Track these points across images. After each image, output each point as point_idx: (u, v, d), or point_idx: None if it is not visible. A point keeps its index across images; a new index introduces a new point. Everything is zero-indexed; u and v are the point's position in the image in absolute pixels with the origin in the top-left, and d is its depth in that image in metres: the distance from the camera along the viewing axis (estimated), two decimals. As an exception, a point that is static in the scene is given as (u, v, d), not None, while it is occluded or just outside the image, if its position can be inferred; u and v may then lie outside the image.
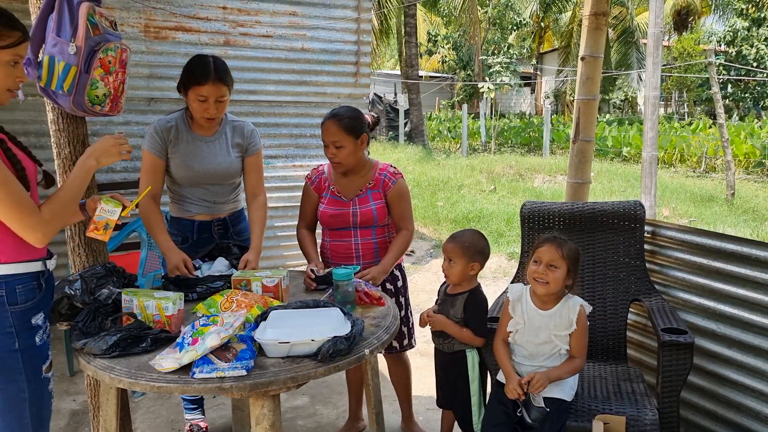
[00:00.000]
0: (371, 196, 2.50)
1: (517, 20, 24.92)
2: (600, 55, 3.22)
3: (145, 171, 2.37)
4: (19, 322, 1.65)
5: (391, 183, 2.52)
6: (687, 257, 2.62)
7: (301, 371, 1.62)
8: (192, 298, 2.10)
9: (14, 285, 1.64)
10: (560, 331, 2.05)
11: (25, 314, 1.66)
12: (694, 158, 13.10)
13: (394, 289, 2.60)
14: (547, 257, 2.04)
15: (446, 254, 2.32)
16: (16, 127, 3.85)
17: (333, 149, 2.42)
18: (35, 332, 1.69)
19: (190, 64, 2.29)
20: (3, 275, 1.63)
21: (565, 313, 2.06)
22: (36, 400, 1.71)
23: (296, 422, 2.95)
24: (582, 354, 2.08)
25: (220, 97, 2.29)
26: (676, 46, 26.01)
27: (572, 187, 3.27)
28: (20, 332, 1.65)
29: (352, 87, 4.95)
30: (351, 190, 2.51)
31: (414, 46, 17.69)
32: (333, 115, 2.43)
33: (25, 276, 1.67)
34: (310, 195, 2.60)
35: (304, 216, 2.63)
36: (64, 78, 1.79)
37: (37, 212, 1.59)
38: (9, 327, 1.63)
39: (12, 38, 1.56)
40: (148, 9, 4.00)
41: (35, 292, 1.69)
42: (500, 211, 8.09)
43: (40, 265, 1.72)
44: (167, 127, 2.37)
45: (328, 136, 2.42)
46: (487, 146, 16.43)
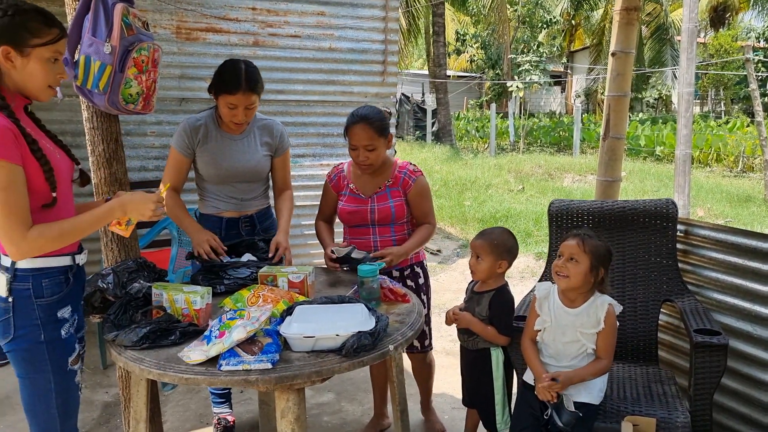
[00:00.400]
0: (390, 194, 2.50)
1: (547, 18, 24.61)
2: (631, 50, 3.16)
3: (170, 167, 2.45)
4: (44, 315, 1.68)
5: (411, 181, 2.51)
6: (721, 257, 2.54)
7: (326, 365, 1.63)
8: (220, 290, 2.13)
9: (41, 279, 1.68)
10: (587, 329, 2.01)
11: (51, 307, 1.69)
12: (731, 157, 12.72)
13: (414, 286, 2.59)
14: (568, 251, 2.01)
15: (474, 251, 2.30)
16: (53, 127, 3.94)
17: (365, 152, 2.40)
18: (61, 325, 1.72)
19: (222, 70, 2.32)
20: (30, 269, 1.66)
21: (593, 311, 2.01)
22: (62, 392, 1.75)
23: (321, 419, 2.96)
24: (608, 355, 2.02)
25: (250, 104, 2.33)
26: (712, 43, 25.31)
27: (602, 186, 3.22)
28: (46, 325, 1.69)
29: (380, 86, 4.95)
30: (369, 188, 2.52)
31: (442, 46, 17.61)
32: (362, 118, 2.39)
33: (53, 270, 1.70)
34: (329, 193, 2.63)
35: (322, 212, 2.69)
36: (100, 77, 1.84)
37: (25, 228, 1.57)
38: (35, 320, 1.67)
39: (51, 35, 1.60)
40: (179, 11, 4.07)
41: (62, 286, 1.72)
42: (528, 210, 8.00)
43: (69, 260, 1.75)
44: (196, 126, 2.41)
45: (360, 140, 2.39)
46: (516, 146, 16.26)
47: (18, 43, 1.55)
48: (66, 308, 1.74)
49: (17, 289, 1.66)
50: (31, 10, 1.58)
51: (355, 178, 2.56)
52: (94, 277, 1.95)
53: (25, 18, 1.56)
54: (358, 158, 2.43)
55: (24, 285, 1.67)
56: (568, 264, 2.00)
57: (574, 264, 1.99)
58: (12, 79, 1.60)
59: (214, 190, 2.50)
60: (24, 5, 1.58)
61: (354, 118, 2.42)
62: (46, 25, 1.60)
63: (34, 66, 1.59)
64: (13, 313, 1.67)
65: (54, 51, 1.62)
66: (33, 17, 1.58)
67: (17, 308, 1.67)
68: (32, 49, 1.58)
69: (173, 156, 2.43)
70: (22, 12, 1.56)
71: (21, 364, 1.72)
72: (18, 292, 1.66)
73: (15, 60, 1.57)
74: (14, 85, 1.61)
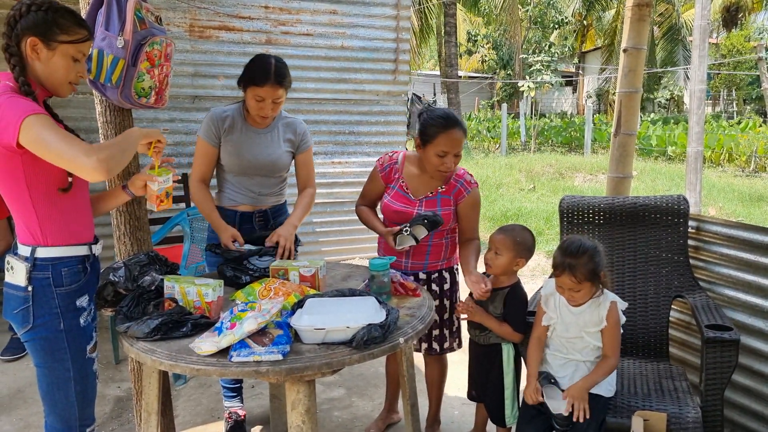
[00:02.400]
0: (440, 201, 2.39)
1: (559, 19, 24.50)
2: (643, 47, 3.14)
3: (198, 156, 2.49)
4: (64, 304, 1.73)
5: (466, 192, 2.39)
6: (733, 253, 2.53)
7: (336, 357, 1.63)
8: (245, 281, 2.17)
9: (60, 268, 1.72)
10: (590, 328, 2.02)
11: (70, 296, 1.74)
12: (743, 157, 12.60)
13: (439, 290, 2.51)
14: (566, 286, 2.01)
15: (493, 245, 2.28)
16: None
17: (453, 159, 2.28)
18: (80, 313, 1.77)
19: (252, 63, 2.36)
20: (50, 258, 1.71)
21: (596, 309, 2.02)
22: (81, 379, 1.79)
23: (332, 413, 2.98)
24: (615, 353, 2.02)
25: (277, 98, 2.36)
26: (724, 43, 25.07)
27: (613, 182, 3.20)
28: (65, 313, 1.73)
29: (391, 84, 4.97)
30: (421, 190, 2.41)
31: (454, 46, 17.60)
32: (458, 123, 2.28)
33: (71, 259, 1.75)
34: (376, 181, 2.51)
35: (365, 197, 2.58)
36: (113, 71, 1.87)
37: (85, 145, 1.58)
38: (55, 308, 1.72)
39: (79, 35, 1.68)
40: (192, 9, 4.11)
41: (80, 276, 1.77)
42: (539, 209, 7.97)
43: (86, 250, 1.80)
44: (223, 117, 2.45)
45: (455, 146, 2.26)
46: (527, 146, 16.20)
47: (46, 36, 1.62)
48: (84, 297, 1.79)
49: (37, 278, 1.70)
50: (64, 9, 1.66)
51: (409, 177, 2.43)
52: (105, 271, 1.98)
53: (57, 15, 1.64)
54: (443, 165, 2.28)
55: (44, 274, 1.70)
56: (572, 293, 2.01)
57: (577, 292, 2.00)
58: (35, 71, 1.66)
59: (233, 181, 2.53)
60: (58, 4, 1.66)
61: (448, 121, 2.27)
62: (77, 24, 1.68)
63: (57, 60, 1.66)
64: (32, 302, 1.70)
65: (78, 50, 1.69)
66: (65, 15, 1.66)
67: (37, 297, 1.70)
68: (59, 44, 1.64)
69: (200, 146, 2.47)
70: (55, 9, 1.64)
71: (40, 354, 1.75)
72: (38, 281, 1.70)
73: (41, 52, 1.63)
74: (37, 77, 1.67)
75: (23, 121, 1.51)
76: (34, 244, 1.71)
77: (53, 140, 1.52)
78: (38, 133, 1.51)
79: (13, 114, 1.52)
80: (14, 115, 1.52)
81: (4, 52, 1.63)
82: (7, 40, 1.64)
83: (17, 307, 1.73)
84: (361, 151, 4.97)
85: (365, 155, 4.98)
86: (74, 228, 1.77)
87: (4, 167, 1.62)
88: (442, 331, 2.52)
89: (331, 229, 5.00)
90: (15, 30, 1.63)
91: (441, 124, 2.26)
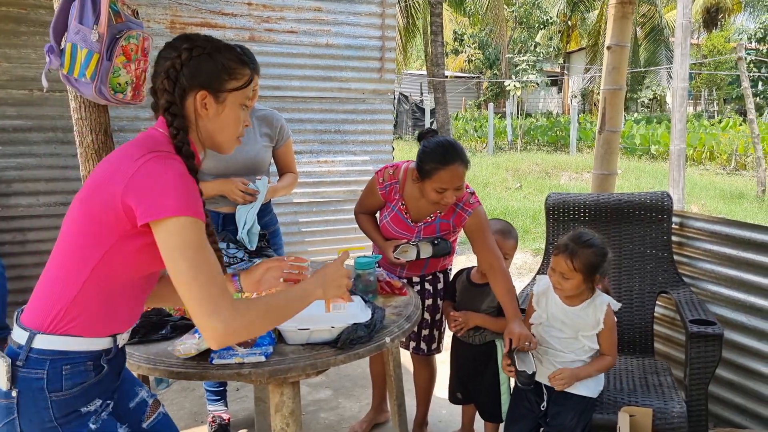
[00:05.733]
0: (438, 226, 2.30)
1: (544, 19, 24.66)
2: (626, 44, 3.16)
3: None
4: (61, 414, 1.20)
5: (466, 215, 2.24)
6: (716, 248, 2.54)
7: (321, 358, 1.61)
8: None
9: (61, 365, 1.20)
10: (587, 332, 2.01)
11: (69, 403, 1.21)
12: (724, 156, 12.79)
13: (432, 290, 2.46)
14: (558, 268, 1.98)
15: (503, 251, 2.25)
16: (44, 123, 3.96)
17: (454, 193, 2.14)
18: (88, 419, 1.24)
19: None
20: (49, 351, 1.19)
21: (592, 312, 2.00)
22: None
23: (319, 415, 2.95)
24: (613, 352, 2.03)
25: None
26: (705, 44, 25.41)
27: (598, 179, 3.21)
28: (64, 426, 1.21)
29: (377, 83, 4.94)
30: (421, 215, 2.32)
31: (440, 45, 17.57)
32: (458, 156, 2.10)
33: (79, 355, 1.22)
34: (375, 196, 2.39)
35: (363, 206, 2.48)
36: (87, 65, 1.82)
37: (229, 296, 1.17)
38: (48, 421, 1.19)
39: (246, 76, 1.33)
40: (173, 5, 4.05)
41: (87, 375, 1.24)
42: (526, 208, 8.01)
43: (108, 342, 1.28)
44: None
45: (456, 182, 2.11)
46: (513, 145, 16.28)
47: (216, 87, 1.29)
48: (93, 402, 1.26)
49: (25, 378, 1.19)
50: (225, 45, 1.32)
51: (410, 199, 2.31)
52: None
53: (222, 56, 1.30)
54: (443, 200, 2.14)
55: (36, 372, 1.19)
56: (561, 280, 1.98)
57: (567, 280, 1.97)
58: (199, 129, 1.32)
59: None
60: (218, 42, 1.32)
61: (447, 157, 2.09)
62: (241, 62, 1.33)
63: (228, 113, 1.32)
64: (18, 413, 1.19)
65: (246, 95, 1.35)
66: (229, 54, 1.31)
67: (24, 405, 1.19)
68: (228, 93, 1.31)
69: None
70: (218, 49, 1.30)
71: None
72: (26, 383, 1.19)
73: (210, 107, 1.30)
74: (199, 136, 1.33)
75: (175, 218, 1.13)
76: (33, 328, 1.20)
77: (193, 266, 1.13)
78: (184, 243, 1.14)
79: (168, 195, 1.14)
80: (169, 198, 1.14)
81: (164, 113, 1.27)
82: (169, 97, 1.26)
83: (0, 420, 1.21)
84: (348, 150, 4.94)
85: (351, 154, 4.96)
86: (109, 322, 1.27)
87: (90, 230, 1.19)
88: (431, 332, 2.50)
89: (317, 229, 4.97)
90: (178, 84, 1.26)
91: (440, 160, 2.09)
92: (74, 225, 1.21)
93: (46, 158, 4.03)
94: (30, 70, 3.83)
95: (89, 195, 1.20)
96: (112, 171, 1.18)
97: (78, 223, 1.20)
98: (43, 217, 4.10)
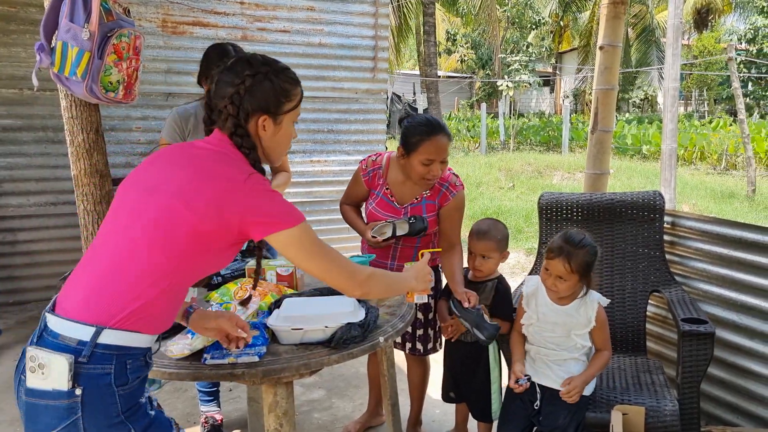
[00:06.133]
0: (425, 207, 2.32)
1: (536, 19, 24.74)
2: (618, 44, 3.17)
3: None
4: (127, 407, 1.24)
5: (451, 196, 2.31)
6: (707, 247, 2.56)
7: (314, 358, 1.60)
8: (216, 281, 2.11)
9: (125, 359, 1.23)
10: (579, 330, 2.03)
11: (134, 395, 1.25)
12: (715, 156, 12.89)
13: None
14: (554, 271, 1.99)
15: (478, 251, 2.26)
16: (34, 122, 3.93)
17: (439, 166, 2.18)
18: (145, 408, 1.29)
19: (209, 55, 2.28)
20: (115, 346, 1.21)
21: (583, 310, 2.03)
22: None
23: (312, 415, 2.94)
24: (608, 346, 2.07)
25: None
26: (696, 44, 25.59)
27: (591, 179, 3.22)
28: (131, 418, 1.24)
29: (370, 82, 4.93)
30: (407, 197, 2.35)
31: (433, 45, 17.63)
32: (442, 128, 2.18)
33: (137, 351, 1.26)
34: (359, 184, 2.44)
35: (349, 198, 2.52)
36: (78, 63, 1.80)
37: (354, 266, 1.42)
38: (116, 416, 1.21)
39: (299, 95, 1.44)
40: (165, 4, 4.03)
41: (144, 369, 1.30)
42: (519, 207, 8.03)
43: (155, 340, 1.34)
44: (186, 116, 2.37)
45: (441, 153, 2.16)
46: (506, 145, 16.33)
47: (274, 111, 1.38)
48: (144, 392, 1.31)
49: (91, 374, 1.18)
50: (283, 68, 1.41)
51: (394, 184, 2.35)
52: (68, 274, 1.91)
53: (280, 80, 1.38)
54: (429, 173, 2.19)
55: (103, 368, 1.20)
56: (557, 282, 1.99)
57: (562, 282, 1.99)
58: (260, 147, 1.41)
59: None
60: (275, 64, 1.40)
61: (431, 127, 2.16)
62: (296, 83, 1.43)
63: (284, 132, 1.43)
64: (82, 412, 1.18)
65: (298, 113, 1.46)
66: (285, 77, 1.40)
67: (89, 404, 1.18)
68: (284, 115, 1.40)
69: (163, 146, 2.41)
70: (276, 73, 1.38)
71: None
72: (91, 380, 1.18)
73: (268, 129, 1.39)
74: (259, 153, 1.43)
75: (297, 227, 1.29)
76: (98, 323, 1.19)
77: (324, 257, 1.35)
78: (311, 243, 1.32)
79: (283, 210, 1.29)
80: (284, 212, 1.29)
81: (231, 136, 1.36)
82: (235, 121, 1.35)
83: (57, 424, 1.18)
84: (341, 149, 4.93)
85: (345, 154, 4.95)
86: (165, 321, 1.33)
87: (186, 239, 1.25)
88: (426, 331, 2.49)
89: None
90: (242, 109, 1.35)
91: (424, 132, 2.16)
92: (159, 230, 1.24)
93: (37, 158, 4.00)
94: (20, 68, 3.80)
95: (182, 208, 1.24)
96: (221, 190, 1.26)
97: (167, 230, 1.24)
98: (33, 217, 4.07)
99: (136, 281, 1.23)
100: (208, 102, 1.42)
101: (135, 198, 1.29)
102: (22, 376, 1.21)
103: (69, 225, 3.95)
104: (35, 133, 3.94)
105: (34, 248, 4.10)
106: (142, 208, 1.27)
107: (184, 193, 1.25)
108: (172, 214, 1.25)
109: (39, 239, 4.10)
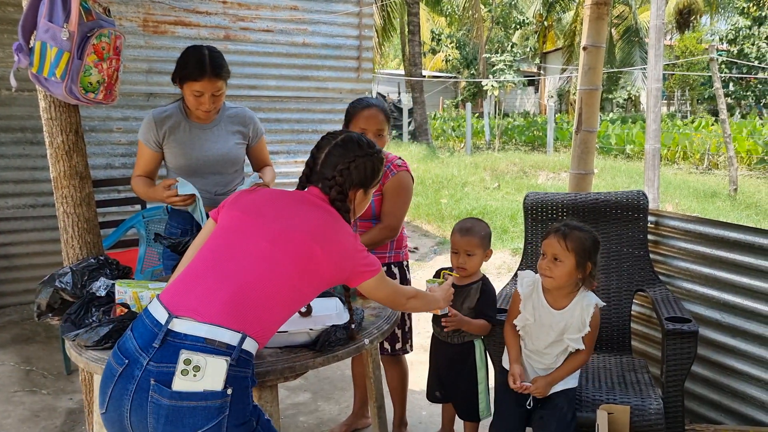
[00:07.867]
0: None
1: (521, 19, 24.87)
2: (602, 44, 3.18)
3: (140, 159, 2.40)
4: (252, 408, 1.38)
5: (391, 174, 2.37)
6: (690, 247, 2.58)
7: (299, 361, 1.59)
8: None
9: (252, 365, 1.39)
10: (573, 334, 1.99)
11: (251, 398, 1.39)
12: (697, 155, 13.05)
13: None
14: (550, 251, 1.95)
15: (461, 249, 2.24)
16: (12, 123, 3.85)
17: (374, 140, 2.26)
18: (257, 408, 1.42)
19: (184, 57, 2.26)
20: (250, 353, 1.37)
21: (578, 313, 1.98)
22: None
23: (298, 418, 2.92)
24: (590, 348, 2.04)
25: (216, 91, 2.27)
26: (678, 45, 25.91)
27: (575, 178, 3.24)
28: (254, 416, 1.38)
29: (354, 82, 4.92)
30: None
31: (417, 45, 17.65)
32: (375, 103, 2.35)
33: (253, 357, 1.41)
34: None
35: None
36: (57, 64, 1.76)
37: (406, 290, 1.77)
38: (248, 415, 1.35)
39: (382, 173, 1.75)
40: (146, 3, 3.98)
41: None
42: (504, 207, 8.05)
43: None
44: (162, 118, 2.35)
45: (376, 124, 2.31)
46: (491, 145, 16.39)
47: (367, 186, 1.66)
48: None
49: (237, 376, 1.31)
50: (378, 151, 1.68)
51: None
52: (51, 277, 1.87)
53: (378, 162, 1.67)
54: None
55: (244, 372, 1.33)
56: (552, 264, 1.95)
57: (558, 264, 1.94)
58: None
59: None
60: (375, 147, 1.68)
61: (363, 103, 2.35)
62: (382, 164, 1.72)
63: (367, 200, 1.71)
64: (229, 411, 1.28)
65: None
66: (379, 159, 1.67)
67: (234, 403, 1.30)
68: (372, 188, 1.69)
69: (141, 149, 2.38)
70: (377, 154, 1.67)
71: None
72: (238, 381, 1.31)
73: (359, 198, 1.66)
74: None
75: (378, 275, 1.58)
76: (243, 331, 1.33)
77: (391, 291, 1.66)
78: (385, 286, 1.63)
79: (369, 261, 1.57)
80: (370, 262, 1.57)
81: (332, 202, 1.59)
82: (341, 189, 1.59)
83: (204, 424, 1.26)
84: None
85: (329, 154, 4.93)
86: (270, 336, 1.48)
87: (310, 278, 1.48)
88: (393, 330, 2.47)
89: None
90: (347, 181, 1.60)
91: (358, 105, 2.34)
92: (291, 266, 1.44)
93: (15, 159, 3.93)
94: (-3, 68, 3.72)
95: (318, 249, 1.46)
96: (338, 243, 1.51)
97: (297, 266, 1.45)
98: (12, 220, 3.99)
99: (274, 300, 1.41)
100: (311, 164, 1.65)
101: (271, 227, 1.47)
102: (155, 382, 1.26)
103: (48, 228, 3.89)
104: (13, 134, 3.87)
105: (12, 251, 4.02)
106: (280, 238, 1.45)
107: (318, 236, 1.47)
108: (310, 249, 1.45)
109: (17, 242, 4.02)
